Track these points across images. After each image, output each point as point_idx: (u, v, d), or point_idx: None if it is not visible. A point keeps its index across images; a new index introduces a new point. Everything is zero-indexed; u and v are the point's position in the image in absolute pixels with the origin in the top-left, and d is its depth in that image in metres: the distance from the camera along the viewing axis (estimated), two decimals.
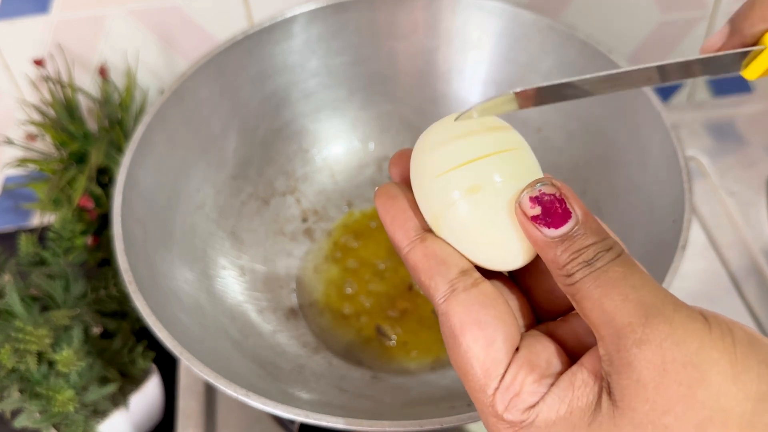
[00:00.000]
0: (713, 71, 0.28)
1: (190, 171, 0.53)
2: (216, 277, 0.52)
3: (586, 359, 0.23)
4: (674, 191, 0.45)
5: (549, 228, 0.22)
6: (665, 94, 0.76)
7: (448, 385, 0.49)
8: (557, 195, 0.23)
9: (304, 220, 0.59)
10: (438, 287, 0.24)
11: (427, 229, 0.25)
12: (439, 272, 0.24)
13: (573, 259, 0.22)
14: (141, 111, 0.65)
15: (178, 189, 0.52)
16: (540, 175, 0.25)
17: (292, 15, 0.55)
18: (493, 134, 0.25)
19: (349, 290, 0.55)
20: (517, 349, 0.23)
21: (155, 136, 0.50)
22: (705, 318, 0.21)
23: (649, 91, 0.49)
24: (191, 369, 0.39)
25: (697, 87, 0.77)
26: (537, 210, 0.23)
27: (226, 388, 0.38)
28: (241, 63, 0.55)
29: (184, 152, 0.53)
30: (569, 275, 0.22)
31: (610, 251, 0.22)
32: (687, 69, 0.27)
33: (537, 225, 0.23)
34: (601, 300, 0.21)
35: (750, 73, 0.28)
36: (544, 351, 0.24)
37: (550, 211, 0.23)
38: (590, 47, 0.52)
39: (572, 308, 0.26)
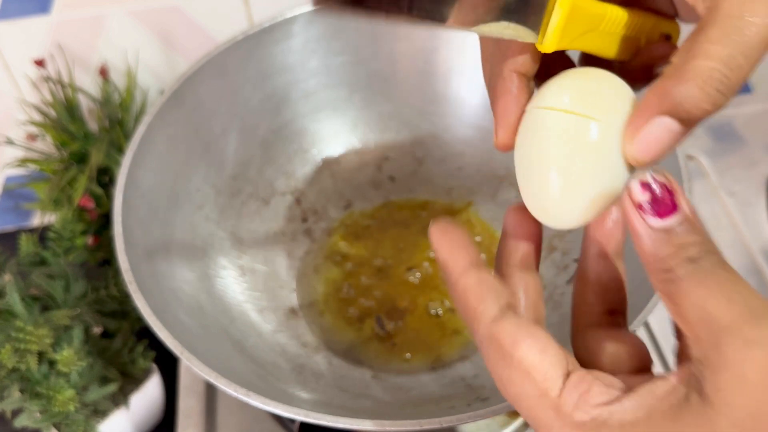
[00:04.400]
0: None
1: (190, 171, 0.53)
2: (216, 277, 0.52)
3: (671, 374, 0.22)
4: None
5: (654, 217, 0.21)
6: None
7: (448, 385, 0.49)
8: (667, 184, 0.21)
9: (304, 220, 0.59)
10: (487, 311, 0.24)
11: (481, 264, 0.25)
12: (491, 297, 0.24)
13: (675, 254, 0.21)
14: (141, 111, 0.65)
15: (178, 189, 0.52)
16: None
17: (292, 15, 0.55)
18: (625, 99, 0.23)
19: (348, 290, 0.55)
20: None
21: (156, 136, 0.50)
22: None
23: None
24: (191, 369, 0.39)
25: None
26: (646, 196, 0.21)
27: (226, 387, 0.38)
28: (241, 63, 0.55)
29: (184, 152, 0.53)
30: (668, 270, 0.21)
31: (714, 254, 0.21)
32: None
33: (641, 213, 0.21)
34: (705, 299, 0.20)
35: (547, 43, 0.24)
36: (604, 375, 0.23)
37: (659, 199, 0.21)
38: None
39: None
